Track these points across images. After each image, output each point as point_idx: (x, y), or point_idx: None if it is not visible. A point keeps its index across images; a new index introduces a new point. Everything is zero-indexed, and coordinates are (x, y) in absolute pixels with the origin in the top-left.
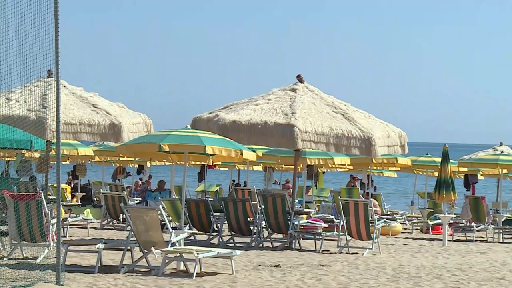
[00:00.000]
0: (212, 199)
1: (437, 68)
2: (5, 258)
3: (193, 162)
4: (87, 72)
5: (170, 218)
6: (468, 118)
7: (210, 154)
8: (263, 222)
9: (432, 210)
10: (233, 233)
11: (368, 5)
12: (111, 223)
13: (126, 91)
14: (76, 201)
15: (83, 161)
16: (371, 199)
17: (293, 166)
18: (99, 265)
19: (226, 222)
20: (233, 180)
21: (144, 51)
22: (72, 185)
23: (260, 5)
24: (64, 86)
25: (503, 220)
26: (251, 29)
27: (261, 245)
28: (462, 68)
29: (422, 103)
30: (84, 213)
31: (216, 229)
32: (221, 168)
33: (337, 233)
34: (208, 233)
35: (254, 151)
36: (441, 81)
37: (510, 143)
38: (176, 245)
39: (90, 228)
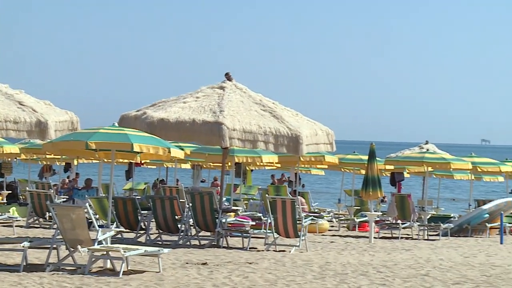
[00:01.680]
0: (139, 197)
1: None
2: None
3: (120, 160)
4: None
5: (97, 216)
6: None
7: (138, 152)
8: (191, 220)
9: (359, 207)
10: (161, 231)
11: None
12: (37, 221)
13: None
14: (2, 199)
15: (9, 159)
16: (299, 197)
17: (221, 164)
18: (25, 264)
19: (153, 220)
20: (161, 178)
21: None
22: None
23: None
24: None
25: (428, 217)
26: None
27: (188, 243)
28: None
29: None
30: (9, 211)
31: (143, 227)
32: (149, 166)
33: (265, 231)
34: (136, 231)
35: (182, 149)
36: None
37: (436, 141)
38: (103, 243)
39: (16, 226)
